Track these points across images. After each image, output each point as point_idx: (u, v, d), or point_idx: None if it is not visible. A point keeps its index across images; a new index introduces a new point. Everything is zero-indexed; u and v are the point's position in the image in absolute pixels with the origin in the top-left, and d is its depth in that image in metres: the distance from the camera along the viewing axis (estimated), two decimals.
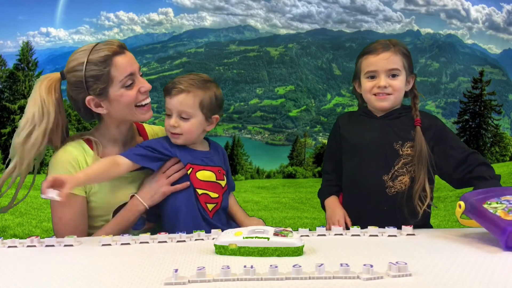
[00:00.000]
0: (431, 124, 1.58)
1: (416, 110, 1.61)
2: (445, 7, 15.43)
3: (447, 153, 1.55)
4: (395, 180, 1.53)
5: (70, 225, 1.45)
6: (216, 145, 1.64)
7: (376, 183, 1.54)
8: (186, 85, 1.46)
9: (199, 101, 1.47)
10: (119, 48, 1.42)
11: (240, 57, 28.43)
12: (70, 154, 1.45)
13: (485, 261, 1.01)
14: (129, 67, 1.43)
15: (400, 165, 1.54)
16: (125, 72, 1.42)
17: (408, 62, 1.60)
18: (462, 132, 22.16)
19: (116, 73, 1.41)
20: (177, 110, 1.47)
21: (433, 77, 29.50)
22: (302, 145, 27.24)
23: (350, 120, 1.69)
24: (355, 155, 1.59)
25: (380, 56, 1.56)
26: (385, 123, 1.60)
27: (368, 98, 1.62)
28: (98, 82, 1.41)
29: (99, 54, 1.40)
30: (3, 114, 18.64)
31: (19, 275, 0.98)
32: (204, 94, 1.48)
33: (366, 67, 1.59)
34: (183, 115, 1.47)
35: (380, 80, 1.56)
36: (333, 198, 1.66)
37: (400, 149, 1.55)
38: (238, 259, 1.03)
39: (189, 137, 1.51)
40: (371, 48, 1.60)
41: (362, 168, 1.56)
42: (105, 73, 1.40)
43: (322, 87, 29.10)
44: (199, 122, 1.49)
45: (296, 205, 9.01)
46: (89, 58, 1.41)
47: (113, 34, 12.00)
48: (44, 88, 1.45)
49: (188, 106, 1.47)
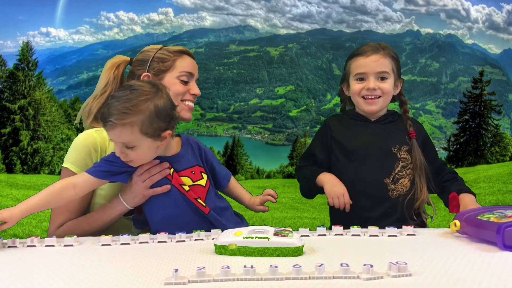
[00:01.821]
0: (419, 132, 1.62)
1: (408, 119, 1.63)
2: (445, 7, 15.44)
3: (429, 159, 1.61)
4: (397, 183, 1.54)
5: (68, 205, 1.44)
6: (188, 140, 1.50)
7: (379, 186, 1.54)
8: (118, 117, 1.27)
9: (139, 129, 1.29)
10: (191, 54, 1.63)
11: (240, 57, 28.31)
12: (93, 139, 1.49)
13: (485, 261, 1.00)
14: (192, 68, 1.60)
15: (400, 168, 1.55)
16: (187, 69, 1.58)
17: (396, 66, 1.60)
18: (462, 132, 22.21)
19: (180, 64, 1.57)
20: (119, 142, 1.32)
21: (433, 77, 29.46)
22: (302, 145, 27.26)
23: (342, 123, 1.67)
24: (354, 160, 1.57)
25: (370, 59, 1.57)
26: (380, 128, 1.61)
27: (356, 100, 1.62)
28: (161, 64, 1.57)
29: (175, 48, 1.60)
30: (3, 114, 18.66)
31: (19, 275, 0.97)
32: (142, 117, 1.29)
33: (356, 69, 1.59)
34: (128, 145, 1.32)
35: (369, 82, 1.56)
36: (330, 174, 1.57)
37: (398, 153, 1.56)
38: (238, 259, 1.03)
39: (142, 162, 1.38)
40: (360, 50, 1.60)
41: (363, 172, 1.55)
42: (171, 60, 1.57)
43: (322, 87, 29.05)
44: (147, 146, 1.33)
45: (296, 205, 9.02)
46: (165, 47, 1.61)
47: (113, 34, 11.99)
48: (110, 64, 1.62)
49: (128, 138, 1.30)
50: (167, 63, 1.57)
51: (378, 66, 1.56)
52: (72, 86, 34.60)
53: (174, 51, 1.59)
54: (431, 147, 1.66)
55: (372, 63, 1.56)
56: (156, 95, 1.33)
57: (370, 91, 1.56)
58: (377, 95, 1.57)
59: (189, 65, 1.59)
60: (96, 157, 1.48)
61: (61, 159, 19.29)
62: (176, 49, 1.60)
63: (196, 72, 1.63)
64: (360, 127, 1.62)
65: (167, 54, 1.58)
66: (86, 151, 1.48)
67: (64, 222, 1.47)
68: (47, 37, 36.41)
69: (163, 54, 1.58)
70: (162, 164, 1.40)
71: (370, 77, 1.56)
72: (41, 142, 18.68)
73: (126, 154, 1.33)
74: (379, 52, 1.57)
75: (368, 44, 1.61)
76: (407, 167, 1.55)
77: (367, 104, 1.58)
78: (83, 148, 1.48)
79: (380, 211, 1.52)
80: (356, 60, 1.60)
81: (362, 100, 1.59)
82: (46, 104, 19.18)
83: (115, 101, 1.30)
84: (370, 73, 1.56)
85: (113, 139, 1.33)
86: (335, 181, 1.54)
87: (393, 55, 1.60)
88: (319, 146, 1.66)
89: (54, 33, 36.95)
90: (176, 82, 1.56)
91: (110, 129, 1.31)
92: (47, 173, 17.69)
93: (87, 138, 1.50)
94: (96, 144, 1.49)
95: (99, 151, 1.49)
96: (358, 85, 1.59)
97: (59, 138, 19.44)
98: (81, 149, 1.48)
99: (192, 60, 1.62)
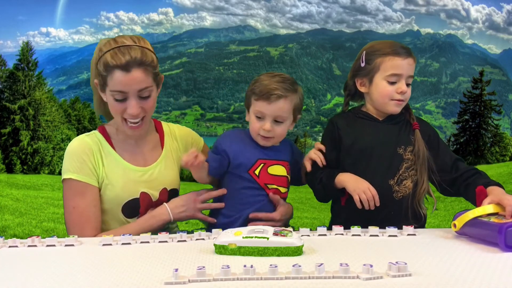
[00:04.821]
0: (425, 131, 1.59)
1: (411, 114, 1.61)
2: (445, 7, 15.43)
3: (439, 158, 1.56)
4: (400, 185, 1.53)
5: (84, 215, 1.45)
6: (286, 140, 1.64)
7: (384, 187, 1.51)
8: (283, 91, 1.47)
9: (293, 106, 1.51)
10: (126, 64, 1.39)
11: (240, 57, 28.31)
12: (86, 144, 1.48)
13: (485, 261, 1.00)
14: (123, 86, 1.40)
15: (403, 169, 1.53)
16: (116, 87, 1.41)
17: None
18: (462, 132, 22.21)
19: (110, 82, 1.42)
20: (274, 116, 1.48)
21: (433, 77, 29.41)
22: (302, 145, 27.23)
23: (349, 122, 1.62)
24: (361, 159, 1.54)
25: (407, 61, 1.52)
26: (388, 127, 1.58)
27: (383, 101, 1.56)
28: (100, 76, 1.45)
29: (108, 58, 1.40)
30: (3, 114, 18.66)
31: (20, 275, 0.97)
32: (296, 97, 1.51)
33: (391, 68, 1.52)
34: (278, 119, 1.49)
35: (402, 85, 1.52)
36: (348, 173, 1.53)
37: (404, 154, 1.55)
38: (238, 259, 1.03)
39: (279, 140, 1.55)
40: (393, 49, 1.53)
41: (369, 173, 1.51)
42: (104, 76, 1.42)
43: (322, 87, 29.02)
44: (288, 124, 1.53)
45: (296, 205, 9.02)
46: (104, 54, 1.42)
47: (113, 34, 12.00)
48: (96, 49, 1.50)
49: (285, 111, 1.49)
50: (102, 77, 1.43)
51: (411, 70, 1.54)
52: (72, 86, 34.61)
53: (104, 64, 1.40)
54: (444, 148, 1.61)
55: (408, 66, 1.53)
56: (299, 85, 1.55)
57: (401, 95, 1.53)
58: (404, 99, 1.55)
59: (118, 82, 1.40)
60: (94, 161, 1.47)
61: (61, 159, 19.29)
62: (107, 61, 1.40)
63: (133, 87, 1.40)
64: (368, 126, 1.59)
65: (101, 68, 1.42)
66: (84, 157, 1.46)
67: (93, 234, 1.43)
68: (47, 37, 36.43)
69: (100, 65, 1.42)
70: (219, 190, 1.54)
71: (403, 80, 1.53)
72: (41, 142, 18.68)
73: (272, 129, 1.49)
74: (411, 56, 1.54)
75: (395, 43, 1.56)
76: (410, 167, 1.54)
77: (396, 105, 1.55)
78: (81, 155, 1.46)
79: (383, 213, 1.49)
80: (393, 59, 1.53)
81: (393, 102, 1.55)
82: (46, 104, 19.18)
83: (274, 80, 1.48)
84: (405, 75, 1.53)
85: (271, 112, 1.47)
86: (356, 178, 1.49)
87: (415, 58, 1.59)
88: (329, 146, 1.60)
89: (54, 33, 36.97)
90: (111, 101, 1.44)
91: (274, 101, 1.46)
92: (47, 173, 17.68)
93: (80, 144, 1.48)
94: (91, 148, 1.48)
95: (94, 155, 1.48)
96: (390, 87, 1.53)
97: (59, 138, 19.44)
98: (79, 156, 1.46)
99: (124, 75, 1.39)
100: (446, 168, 1.55)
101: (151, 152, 1.58)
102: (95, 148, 1.49)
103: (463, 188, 1.50)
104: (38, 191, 10.58)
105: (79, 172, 1.45)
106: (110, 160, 1.50)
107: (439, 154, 1.57)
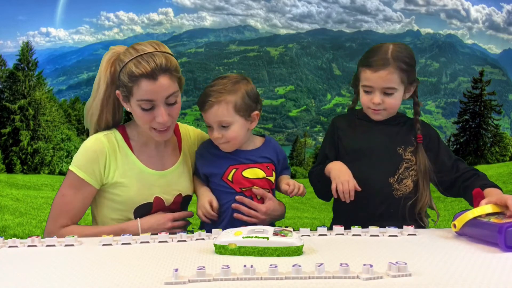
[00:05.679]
0: (426, 133, 1.60)
1: (417, 121, 1.60)
2: (445, 7, 15.42)
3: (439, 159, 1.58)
4: (400, 183, 1.55)
5: (68, 206, 1.46)
6: (270, 140, 1.66)
7: (384, 185, 1.54)
8: (216, 96, 1.48)
9: (233, 106, 1.48)
10: (152, 72, 1.37)
11: (240, 57, 28.30)
12: (100, 144, 1.48)
13: (485, 261, 1.00)
14: (150, 94, 1.40)
15: (403, 169, 1.56)
16: (144, 96, 1.40)
17: (408, 75, 1.55)
18: (462, 132, 22.21)
19: (137, 91, 1.40)
20: (215, 122, 1.50)
21: (433, 77, 29.40)
22: (302, 145, 27.22)
23: (349, 123, 1.66)
24: (359, 158, 1.57)
25: (377, 74, 1.51)
26: (387, 128, 1.60)
27: (364, 108, 1.62)
28: (124, 87, 1.43)
29: (133, 68, 1.38)
30: (3, 114, 18.66)
31: (20, 275, 0.97)
32: (235, 97, 1.48)
33: (364, 80, 1.56)
34: (223, 124, 1.49)
35: (374, 97, 1.54)
36: (338, 162, 1.56)
37: (403, 153, 1.56)
38: (238, 259, 1.03)
39: (236, 142, 1.54)
40: (371, 60, 1.53)
41: (369, 172, 1.55)
42: (129, 86, 1.41)
43: (322, 87, 29.00)
44: (240, 125, 1.51)
45: (296, 205, 9.02)
46: (127, 64, 1.40)
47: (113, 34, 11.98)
48: (106, 59, 1.51)
49: (224, 115, 1.48)
50: (128, 88, 1.41)
51: (385, 82, 1.52)
52: (72, 86, 34.62)
53: (129, 75, 1.39)
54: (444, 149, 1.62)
55: (379, 79, 1.52)
56: (245, 80, 1.53)
57: (375, 105, 1.55)
58: (381, 109, 1.56)
59: (145, 92, 1.39)
60: (104, 163, 1.47)
61: (61, 159, 19.31)
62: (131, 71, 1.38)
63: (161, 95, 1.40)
64: (366, 127, 1.62)
65: (125, 79, 1.40)
66: (93, 157, 1.47)
67: (66, 224, 1.46)
68: (47, 37, 36.44)
69: (124, 76, 1.41)
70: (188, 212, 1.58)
71: (376, 91, 1.54)
72: (41, 142, 18.68)
73: (222, 135, 1.50)
74: (387, 67, 1.51)
75: (380, 53, 1.53)
76: (411, 168, 1.56)
77: (373, 113, 1.59)
78: (91, 154, 1.47)
79: (383, 210, 1.53)
80: (365, 71, 1.55)
81: (369, 110, 1.59)
82: (46, 104, 19.18)
83: (210, 86, 1.52)
84: (376, 88, 1.54)
85: (210, 120, 1.50)
86: (342, 167, 1.51)
87: (403, 66, 1.52)
88: (329, 146, 1.66)
89: (54, 33, 36.99)
90: (138, 110, 1.43)
91: (207, 109, 1.49)
92: (47, 173, 17.69)
93: (95, 143, 1.49)
94: (104, 149, 1.48)
95: (107, 156, 1.48)
96: (365, 97, 1.57)
97: (59, 138, 19.44)
98: (89, 155, 1.47)
99: (150, 83, 1.38)
100: (446, 169, 1.56)
101: (169, 156, 1.59)
102: (111, 149, 1.49)
103: (462, 190, 1.52)
104: (38, 191, 10.58)
105: (82, 169, 1.46)
106: (126, 162, 1.50)
107: (439, 155, 1.59)
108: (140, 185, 1.49)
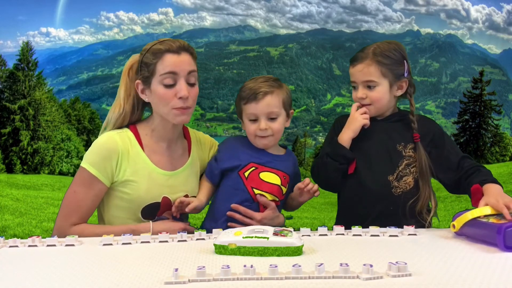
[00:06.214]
0: (429, 130, 1.59)
1: (413, 122, 1.58)
2: (445, 7, 15.41)
3: (444, 156, 1.55)
4: (400, 181, 1.54)
5: (79, 203, 1.46)
6: (291, 153, 1.69)
7: (383, 183, 1.54)
8: (269, 87, 1.53)
9: (282, 100, 1.55)
10: (177, 48, 1.48)
11: (240, 57, 28.34)
12: (113, 142, 1.48)
13: (485, 261, 1.01)
14: (173, 66, 1.46)
15: (404, 166, 1.55)
16: (167, 69, 1.45)
17: (391, 69, 1.56)
18: (462, 132, 22.21)
19: (160, 67, 1.46)
20: (266, 113, 1.52)
21: (433, 77, 29.42)
22: (302, 145, 27.21)
23: None
24: (360, 156, 1.57)
25: (356, 68, 1.58)
26: (386, 126, 1.61)
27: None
28: (146, 70, 1.48)
29: (157, 46, 1.48)
30: (3, 114, 18.67)
31: (20, 275, 0.98)
32: (283, 92, 1.56)
33: (350, 76, 1.61)
34: (272, 115, 1.53)
35: (358, 91, 1.59)
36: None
37: (403, 151, 1.56)
38: (238, 259, 1.03)
39: (278, 137, 1.58)
40: (354, 57, 1.60)
41: (368, 169, 1.56)
42: (153, 63, 1.46)
43: (322, 87, 29.04)
44: (283, 120, 1.57)
45: None
46: (152, 47, 1.49)
47: (113, 34, 12.01)
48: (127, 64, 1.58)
49: (275, 106, 1.53)
50: (150, 67, 1.47)
51: (363, 75, 1.56)
52: (72, 86, 34.62)
53: (154, 53, 1.47)
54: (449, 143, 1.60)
55: (358, 72, 1.57)
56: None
57: (360, 100, 1.58)
58: (367, 103, 1.58)
59: (169, 64, 1.46)
60: (116, 161, 1.47)
61: (61, 159, 19.32)
62: (157, 48, 1.47)
63: (184, 68, 1.47)
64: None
65: (149, 57, 1.48)
66: (106, 154, 1.47)
67: (77, 222, 1.46)
68: (47, 37, 36.44)
69: (147, 58, 1.48)
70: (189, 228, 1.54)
71: (359, 86, 1.58)
72: (41, 142, 18.69)
73: (268, 127, 1.53)
74: (364, 61, 1.56)
75: (363, 49, 1.60)
76: (412, 165, 1.55)
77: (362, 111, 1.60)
78: (104, 151, 1.47)
79: (382, 208, 1.53)
80: (350, 69, 1.62)
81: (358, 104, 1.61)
82: (46, 104, 19.19)
83: (253, 81, 1.57)
84: (358, 82, 1.58)
85: (260, 110, 1.52)
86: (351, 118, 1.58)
87: (381, 60, 1.54)
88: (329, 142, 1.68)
89: (54, 33, 36.98)
90: (160, 88, 1.47)
91: (261, 99, 1.52)
92: (47, 173, 17.68)
93: (109, 141, 1.49)
94: (117, 147, 1.48)
95: (120, 154, 1.48)
96: (353, 93, 1.61)
97: (59, 138, 19.44)
98: (102, 152, 1.47)
99: (175, 57, 1.46)
100: (452, 167, 1.54)
101: (179, 157, 1.59)
102: (123, 147, 1.49)
103: (465, 186, 1.49)
104: (38, 191, 10.58)
105: (95, 166, 1.45)
106: (138, 161, 1.50)
107: (444, 152, 1.56)
108: (149, 184, 1.50)
